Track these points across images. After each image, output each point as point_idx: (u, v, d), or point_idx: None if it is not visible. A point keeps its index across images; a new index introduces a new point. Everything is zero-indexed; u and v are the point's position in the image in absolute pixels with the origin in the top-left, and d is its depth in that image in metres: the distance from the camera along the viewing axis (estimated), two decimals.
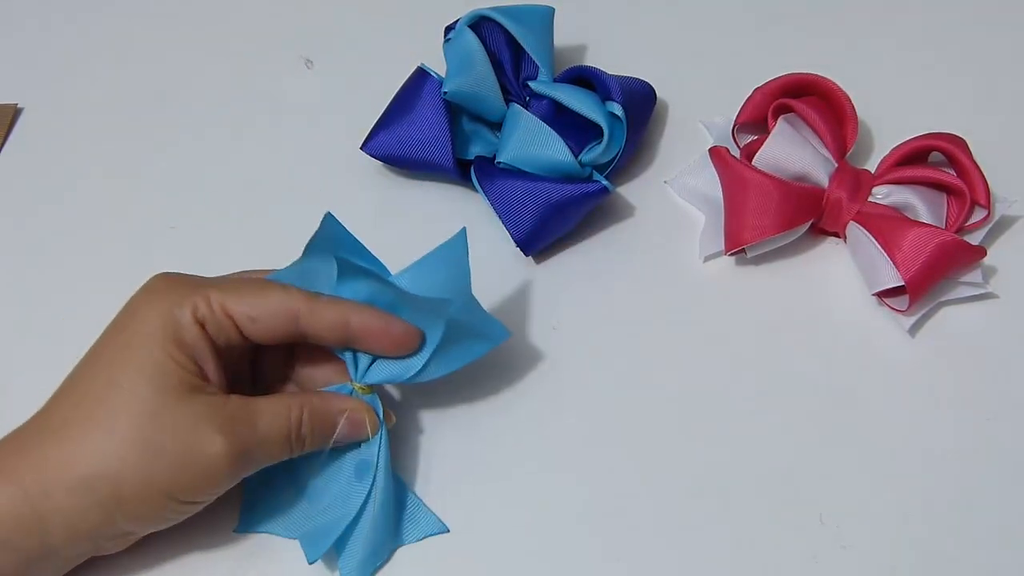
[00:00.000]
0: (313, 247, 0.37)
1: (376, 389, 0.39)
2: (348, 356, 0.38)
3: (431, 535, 0.40)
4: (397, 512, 0.40)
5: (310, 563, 0.38)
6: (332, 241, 0.38)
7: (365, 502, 0.38)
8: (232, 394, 0.36)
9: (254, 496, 0.40)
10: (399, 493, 0.40)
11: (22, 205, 0.50)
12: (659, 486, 0.41)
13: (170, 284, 0.37)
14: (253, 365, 0.40)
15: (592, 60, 0.54)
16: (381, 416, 0.39)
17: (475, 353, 0.39)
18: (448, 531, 0.40)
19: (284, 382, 0.41)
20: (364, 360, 0.38)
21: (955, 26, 0.55)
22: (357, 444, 0.39)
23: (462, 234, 0.38)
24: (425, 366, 0.38)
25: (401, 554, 0.40)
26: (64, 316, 0.38)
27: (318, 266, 0.38)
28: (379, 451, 0.38)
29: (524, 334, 0.45)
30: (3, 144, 0.52)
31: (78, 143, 0.52)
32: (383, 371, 0.38)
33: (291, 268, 0.38)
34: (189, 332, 0.35)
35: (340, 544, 0.39)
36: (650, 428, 0.43)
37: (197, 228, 0.49)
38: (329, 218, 0.36)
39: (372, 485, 0.38)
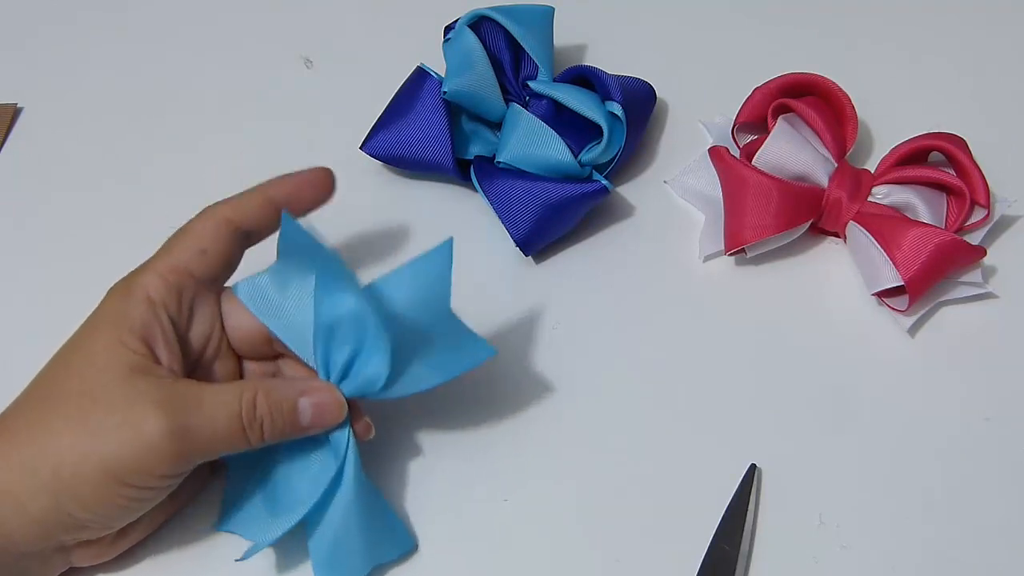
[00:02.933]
0: (284, 250, 0.38)
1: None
2: (319, 360, 0.37)
3: (403, 553, 0.39)
4: (377, 523, 0.38)
5: (236, 560, 0.36)
6: (297, 245, 0.38)
7: (325, 503, 0.37)
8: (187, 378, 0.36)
9: (233, 495, 0.39)
10: (377, 505, 0.38)
11: (22, 205, 0.50)
12: (659, 486, 0.41)
13: (125, 278, 0.38)
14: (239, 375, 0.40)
15: (592, 60, 0.54)
16: (349, 428, 0.37)
17: (453, 371, 0.38)
18: (414, 548, 0.39)
19: None
20: (336, 368, 0.37)
21: (955, 26, 0.55)
22: (326, 446, 0.38)
23: (447, 245, 0.37)
24: (396, 376, 0.36)
25: (403, 563, 0.40)
26: (64, 316, 0.38)
27: (292, 272, 0.38)
28: (345, 455, 0.37)
29: (524, 334, 0.45)
30: (3, 144, 0.52)
31: (78, 143, 0.52)
32: (354, 381, 0.37)
33: (262, 275, 0.39)
34: (139, 314, 0.36)
35: (315, 551, 0.37)
36: (649, 427, 0.43)
37: None
38: (285, 219, 0.37)
39: (337, 488, 0.37)
